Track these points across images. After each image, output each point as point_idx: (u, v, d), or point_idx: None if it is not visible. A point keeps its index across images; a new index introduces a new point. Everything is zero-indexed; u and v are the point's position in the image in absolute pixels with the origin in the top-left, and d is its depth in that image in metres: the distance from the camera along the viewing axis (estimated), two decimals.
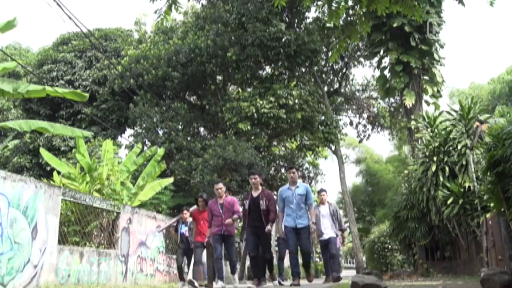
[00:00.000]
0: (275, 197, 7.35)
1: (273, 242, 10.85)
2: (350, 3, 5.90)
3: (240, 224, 9.60)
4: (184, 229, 8.90)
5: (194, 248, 8.26)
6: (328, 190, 8.91)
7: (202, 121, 17.50)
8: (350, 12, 9.37)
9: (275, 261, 8.89)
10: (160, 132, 16.73)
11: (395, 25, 15.71)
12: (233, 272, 7.74)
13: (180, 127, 17.23)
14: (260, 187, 7.13)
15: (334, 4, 5.54)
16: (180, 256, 8.92)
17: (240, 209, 7.47)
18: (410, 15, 5.63)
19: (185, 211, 9.11)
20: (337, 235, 8.33)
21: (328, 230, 8.22)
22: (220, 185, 7.51)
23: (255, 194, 7.03)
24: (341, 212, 9.53)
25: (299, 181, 7.72)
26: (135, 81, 16.39)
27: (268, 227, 6.76)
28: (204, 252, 8.37)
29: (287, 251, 7.75)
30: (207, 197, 8.32)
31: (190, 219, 8.69)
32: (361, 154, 31.07)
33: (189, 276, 8.71)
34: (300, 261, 7.29)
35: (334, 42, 18.74)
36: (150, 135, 16.28)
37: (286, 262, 10.74)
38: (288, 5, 13.83)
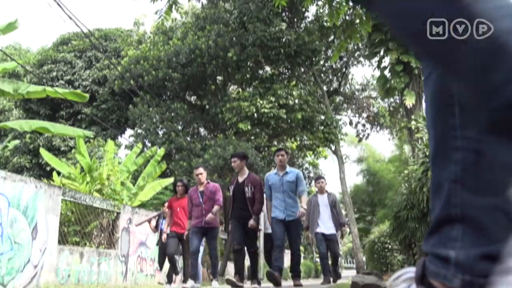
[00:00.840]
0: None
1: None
2: (351, 3, 5.90)
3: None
4: (165, 225, 7.65)
5: (167, 239, 7.15)
6: (328, 190, 7.75)
7: (202, 121, 17.50)
8: (350, 12, 9.37)
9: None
10: (160, 133, 16.74)
11: None
12: (213, 274, 6.49)
13: (180, 127, 17.23)
14: (246, 171, 6.06)
15: (334, 4, 5.54)
16: (162, 257, 7.82)
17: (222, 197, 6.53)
18: None
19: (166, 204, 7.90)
20: (336, 233, 7.21)
21: (327, 224, 7.07)
22: (201, 169, 6.49)
23: (240, 179, 6.02)
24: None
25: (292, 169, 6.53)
26: (135, 82, 16.39)
27: (251, 221, 5.71)
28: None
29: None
30: (187, 183, 7.47)
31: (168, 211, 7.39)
32: (363, 152, 31.06)
33: (172, 278, 7.90)
34: (287, 262, 6.78)
35: (336, 43, 18.73)
36: (150, 135, 16.29)
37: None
38: (288, 5, 13.84)
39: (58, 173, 11.67)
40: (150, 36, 19.38)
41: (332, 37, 18.94)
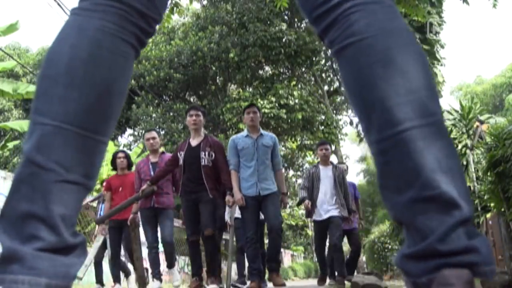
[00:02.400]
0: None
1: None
2: None
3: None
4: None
5: (108, 230, 5.62)
6: (334, 162, 6.14)
7: None
8: None
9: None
10: (162, 133, 16.75)
11: None
12: (170, 264, 5.06)
13: (180, 126, 17.24)
14: (202, 132, 4.66)
15: None
16: (101, 250, 6.27)
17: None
18: (413, 15, 5.62)
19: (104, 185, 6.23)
20: (343, 217, 5.34)
21: (329, 206, 5.36)
22: (153, 133, 5.11)
23: (194, 142, 4.56)
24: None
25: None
26: (136, 82, 16.41)
27: (229, 197, 4.37)
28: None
29: None
30: (129, 155, 5.95)
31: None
32: (366, 150, 31.11)
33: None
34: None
35: None
36: None
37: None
38: (288, 5, 13.85)
39: None
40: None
41: None
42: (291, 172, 20.07)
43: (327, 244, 5.69)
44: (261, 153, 4.51)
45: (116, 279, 6.01)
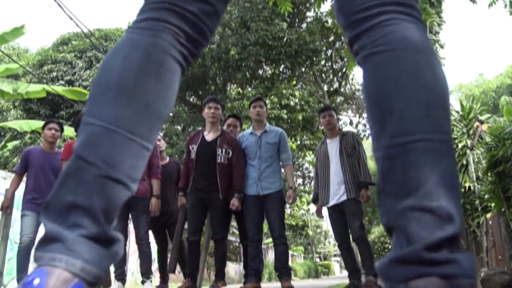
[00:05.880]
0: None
1: None
2: None
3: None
4: None
5: None
6: (344, 129, 4.98)
7: (202, 122, 17.51)
8: None
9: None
10: (161, 134, 16.75)
11: None
12: (146, 271, 4.55)
13: (179, 128, 17.24)
14: (220, 126, 4.41)
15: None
16: None
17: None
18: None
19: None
20: (356, 198, 4.37)
21: (336, 188, 4.45)
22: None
23: (210, 136, 4.29)
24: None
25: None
26: None
27: (235, 200, 4.14)
28: None
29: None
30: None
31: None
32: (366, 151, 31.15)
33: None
34: (271, 257, 5.55)
35: (337, 44, 18.75)
36: None
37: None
38: (292, 9, 13.86)
39: None
40: None
41: (332, 38, 18.96)
42: None
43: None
44: (264, 151, 4.33)
45: None
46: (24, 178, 4.81)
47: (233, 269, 18.44)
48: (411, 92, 0.72)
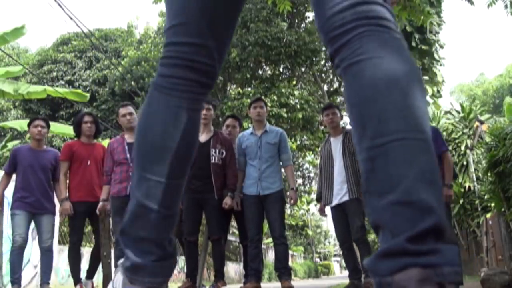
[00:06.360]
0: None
1: None
2: None
3: None
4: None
5: (71, 219, 4.60)
6: (347, 127, 5.01)
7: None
8: None
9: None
10: None
11: None
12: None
13: None
14: (212, 127, 4.40)
15: None
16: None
17: None
18: (419, 23, 5.61)
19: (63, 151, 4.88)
20: (357, 198, 4.25)
21: (339, 188, 4.40)
22: (130, 108, 4.38)
23: (203, 137, 4.23)
24: None
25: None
26: (136, 83, 16.41)
27: (227, 199, 4.15)
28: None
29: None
30: (97, 118, 4.95)
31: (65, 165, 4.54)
32: None
33: None
34: (271, 257, 5.45)
35: None
36: None
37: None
38: (291, 8, 13.88)
39: None
40: (151, 37, 19.40)
41: None
42: None
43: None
44: (264, 152, 4.33)
45: (78, 280, 4.62)
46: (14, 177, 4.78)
47: (233, 269, 18.44)
48: (388, 97, 0.76)
